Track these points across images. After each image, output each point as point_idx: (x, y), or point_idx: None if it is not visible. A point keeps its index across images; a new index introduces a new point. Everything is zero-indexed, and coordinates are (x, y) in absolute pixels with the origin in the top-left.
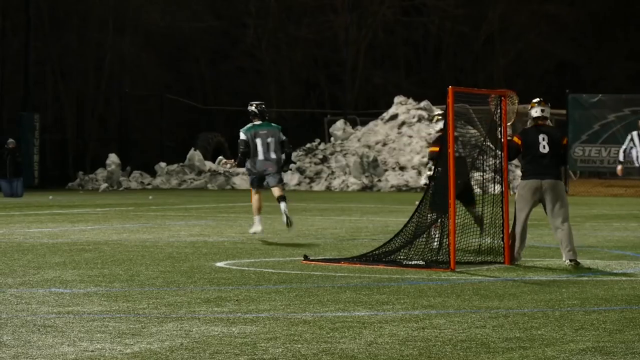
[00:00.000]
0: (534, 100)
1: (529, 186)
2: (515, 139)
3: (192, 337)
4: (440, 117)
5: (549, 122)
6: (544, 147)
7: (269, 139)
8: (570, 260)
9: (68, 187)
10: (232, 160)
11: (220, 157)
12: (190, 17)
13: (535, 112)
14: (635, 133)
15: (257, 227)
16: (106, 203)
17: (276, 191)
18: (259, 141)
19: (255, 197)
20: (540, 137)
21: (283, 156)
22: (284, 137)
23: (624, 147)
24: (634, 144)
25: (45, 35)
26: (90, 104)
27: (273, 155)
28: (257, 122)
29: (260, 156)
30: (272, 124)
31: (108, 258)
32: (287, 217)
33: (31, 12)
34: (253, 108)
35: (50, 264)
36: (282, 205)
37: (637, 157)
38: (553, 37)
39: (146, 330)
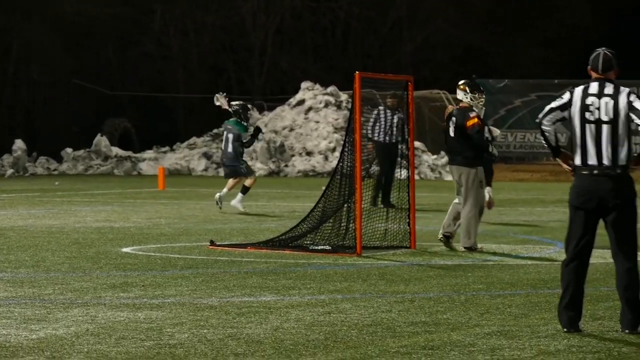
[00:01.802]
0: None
1: (451, 170)
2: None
3: (98, 323)
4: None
5: (475, 105)
6: (452, 131)
7: (230, 135)
8: (465, 248)
9: None
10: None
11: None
12: (99, 3)
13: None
14: None
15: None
16: (12, 189)
17: (229, 183)
18: (224, 134)
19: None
20: (450, 121)
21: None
22: (238, 140)
23: None
24: None
25: None
26: None
27: (229, 149)
28: (235, 119)
29: (222, 148)
30: (239, 123)
31: (14, 244)
32: (218, 203)
33: None
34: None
35: None
36: (217, 195)
37: None
38: (461, 23)
39: (52, 316)
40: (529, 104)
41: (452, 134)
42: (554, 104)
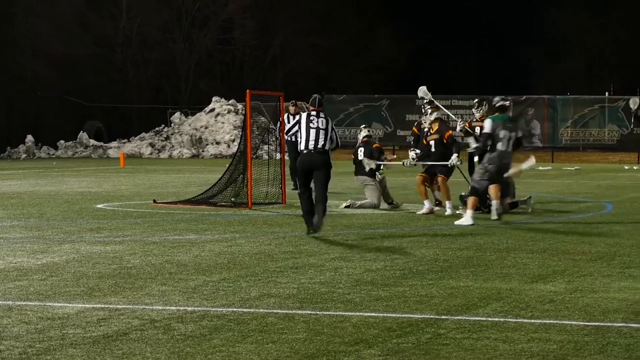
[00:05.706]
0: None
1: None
2: None
3: (81, 254)
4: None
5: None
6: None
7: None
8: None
9: (0, 157)
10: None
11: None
12: (79, 46)
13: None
14: None
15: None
16: (25, 167)
17: None
18: None
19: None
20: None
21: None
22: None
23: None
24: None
25: None
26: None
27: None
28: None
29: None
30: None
31: (25, 202)
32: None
33: None
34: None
35: None
36: None
37: None
38: (314, 58)
39: (51, 249)
40: (359, 110)
41: None
42: (288, 127)
